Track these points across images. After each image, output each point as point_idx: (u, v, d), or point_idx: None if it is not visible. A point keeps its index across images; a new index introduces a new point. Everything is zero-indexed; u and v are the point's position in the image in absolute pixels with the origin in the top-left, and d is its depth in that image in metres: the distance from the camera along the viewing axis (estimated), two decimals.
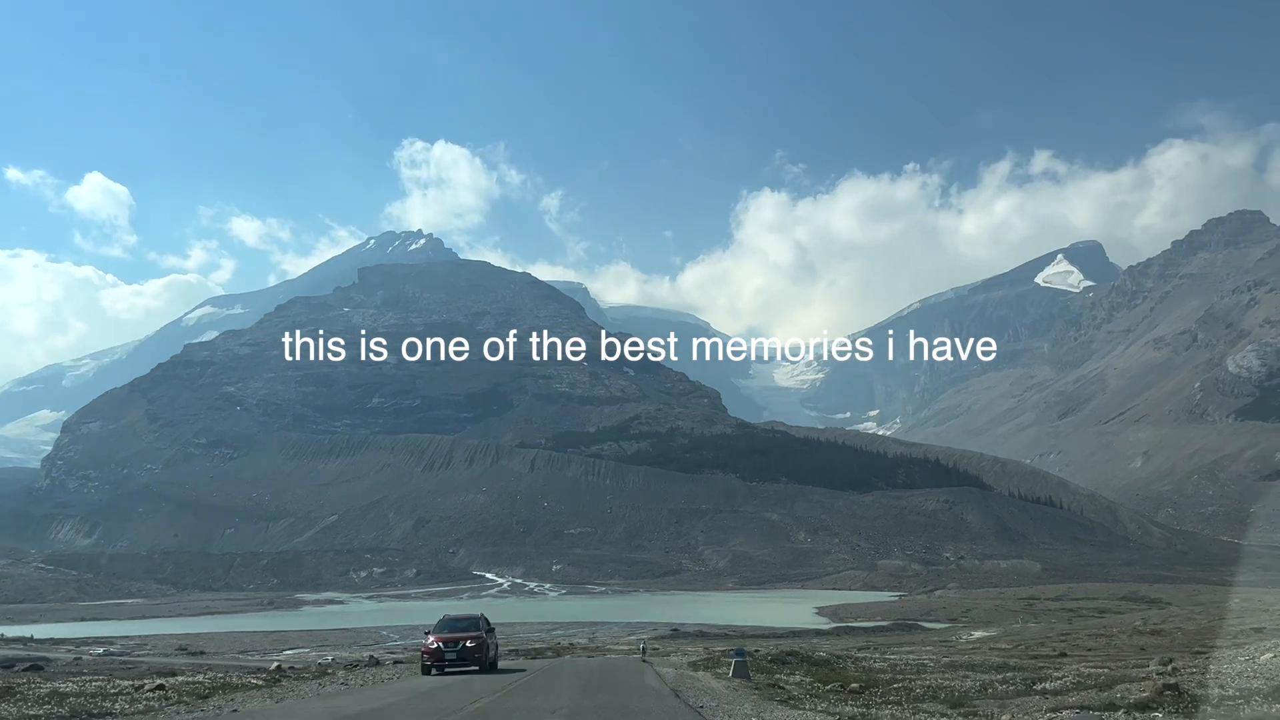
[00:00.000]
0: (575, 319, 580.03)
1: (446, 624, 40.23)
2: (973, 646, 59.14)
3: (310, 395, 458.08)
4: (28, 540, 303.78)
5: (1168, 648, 44.79)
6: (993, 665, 39.96)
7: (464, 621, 40.52)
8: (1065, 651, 46.48)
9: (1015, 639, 65.73)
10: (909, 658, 49.07)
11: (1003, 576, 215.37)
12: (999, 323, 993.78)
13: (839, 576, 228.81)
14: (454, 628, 39.52)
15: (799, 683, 33.99)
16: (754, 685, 32.71)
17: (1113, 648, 48.68)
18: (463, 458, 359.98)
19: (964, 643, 70.37)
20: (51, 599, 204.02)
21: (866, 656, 49.83)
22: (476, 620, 40.51)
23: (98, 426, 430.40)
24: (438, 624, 40.51)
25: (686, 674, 38.36)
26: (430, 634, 39.02)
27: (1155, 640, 51.65)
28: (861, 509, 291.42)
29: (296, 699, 29.91)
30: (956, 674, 36.37)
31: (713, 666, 41.91)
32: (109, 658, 70.61)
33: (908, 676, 35.27)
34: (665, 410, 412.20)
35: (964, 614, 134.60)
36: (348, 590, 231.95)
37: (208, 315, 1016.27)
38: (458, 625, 39.88)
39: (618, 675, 38.35)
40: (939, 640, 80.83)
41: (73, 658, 66.05)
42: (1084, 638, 59.91)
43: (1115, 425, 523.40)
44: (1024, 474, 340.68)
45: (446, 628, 39.59)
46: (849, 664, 44.29)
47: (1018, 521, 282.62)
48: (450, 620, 40.89)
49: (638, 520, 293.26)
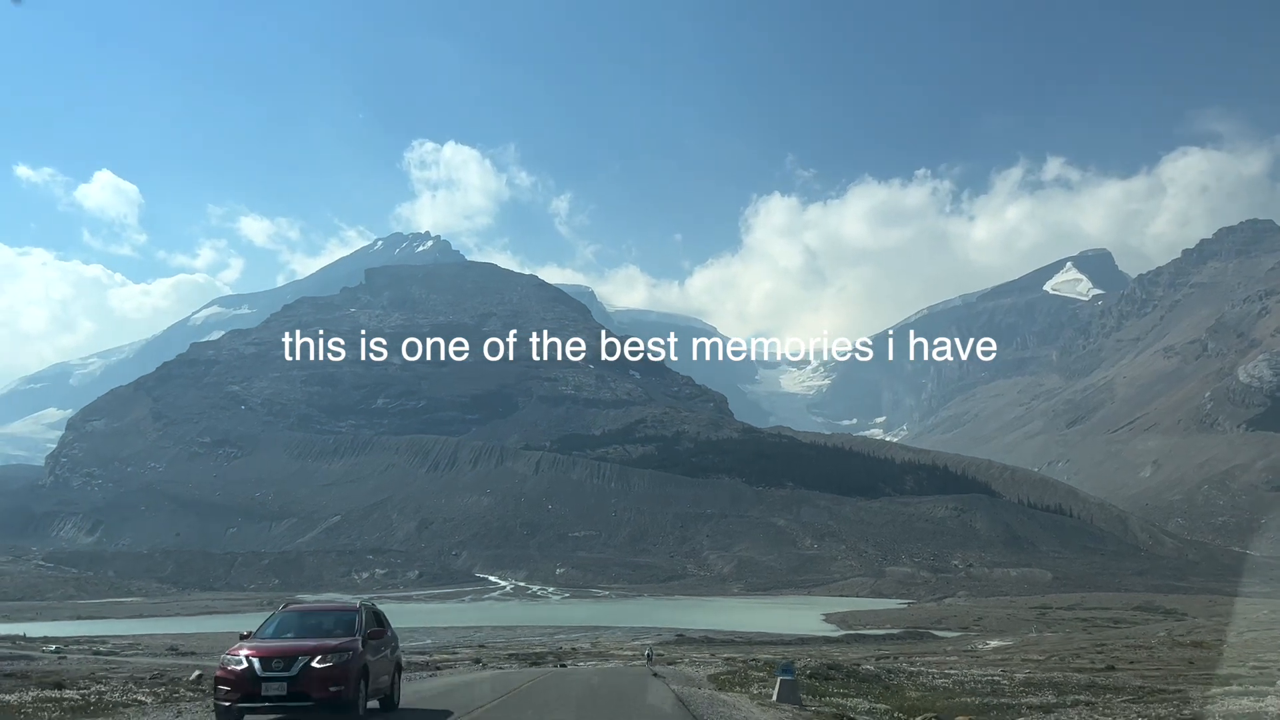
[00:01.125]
0: (582, 322, 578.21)
1: (284, 623, 21.40)
2: (1002, 657, 56.32)
3: (315, 395, 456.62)
4: (30, 538, 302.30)
5: (1216, 661, 42.38)
6: (1081, 685, 34.08)
7: (320, 619, 21.60)
8: (1112, 665, 43.49)
9: (1044, 650, 62.92)
10: (970, 671, 43.10)
11: (1013, 585, 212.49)
12: (1007, 330, 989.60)
13: (846, 583, 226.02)
14: (300, 628, 21.00)
15: (871, 711, 27.08)
16: (811, 714, 25.63)
17: (1156, 660, 45.98)
18: (467, 459, 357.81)
19: (987, 652, 67.89)
20: (51, 597, 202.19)
21: (922, 671, 43.08)
22: (347, 617, 21.54)
23: (102, 424, 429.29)
24: (266, 622, 21.65)
25: (712, 695, 29.62)
26: (244, 643, 20.12)
27: (1200, 653, 49.06)
28: (869, 515, 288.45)
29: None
30: (1042, 694, 31.01)
31: (743, 684, 34.71)
32: (55, 655, 68.46)
33: (993, 698, 29.77)
34: (671, 414, 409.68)
35: (975, 622, 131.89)
36: (350, 591, 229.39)
37: (215, 315, 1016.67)
38: (306, 625, 21.17)
39: (624, 698, 29.34)
40: (955, 649, 78.24)
41: (57, 657, 63.84)
42: (1120, 649, 57.20)
43: (1124, 434, 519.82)
44: (1033, 482, 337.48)
45: (280, 629, 21.02)
46: (902, 679, 38.12)
47: (1027, 529, 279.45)
48: (294, 617, 21.90)
49: (642, 524, 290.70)
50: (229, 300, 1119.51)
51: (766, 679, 35.19)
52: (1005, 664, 47.89)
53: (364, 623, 21.32)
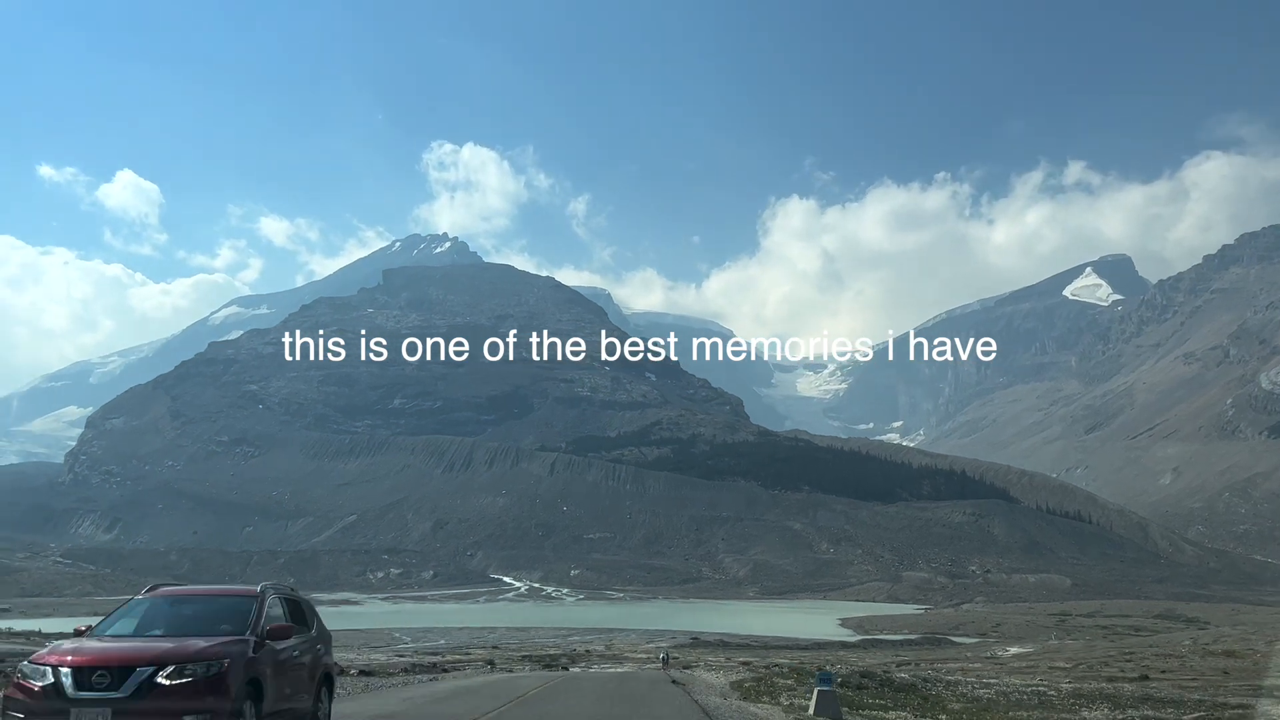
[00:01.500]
0: (598, 323, 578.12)
1: (149, 614, 14.41)
2: (1026, 664, 55.15)
3: (332, 395, 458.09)
4: (49, 534, 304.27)
5: (1255, 672, 41.14)
6: (1136, 697, 31.65)
7: (199, 609, 14.69)
8: (1145, 675, 42.03)
9: (1070, 658, 61.65)
10: (1009, 680, 40.09)
11: (1031, 591, 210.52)
12: (1026, 335, 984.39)
13: (862, 588, 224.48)
14: (169, 622, 14.16)
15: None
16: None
17: (1189, 669, 44.70)
18: (482, 460, 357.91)
19: (1008, 659, 66.73)
20: (69, 593, 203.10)
21: (959, 680, 39.92)
22: (237, 606, 14.69)
23: (121, 422, 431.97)
24: (119, 611, 14.78)
25: (740, 707, 27.67)
26: (68, 643, 13.52)
27: (1234, 663, 47.70)
28: (885, 520, 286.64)
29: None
30: (1096, 707, 28.81)
31: (771, 693, 31.57)
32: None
33: (1043, 712, 27.49)
34: (687, 416, 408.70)
35: (994, 629, 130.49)
36: (364, 591, 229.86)
37: (234, 315, 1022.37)
38: (177, 618, 14.25)
39: (641, 709, 26.95)
40: (975, 656, 77.09)
41: None
42: (1149, 658, 55.90)
43: (1144, 440, 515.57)
44: (1052, 488, 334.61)
45: (143, 624, 14.17)
46: (940, 689, 35.38)
47: (1045, 536, 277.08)
48: (163, 605, 14.67)
49: (657, 526, 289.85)
50: (248, 300, 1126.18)
51: (795, 688, 32.74)
52: (1032, 671, 46.76)
53: (261, 616, 14.37)
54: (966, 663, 57.66)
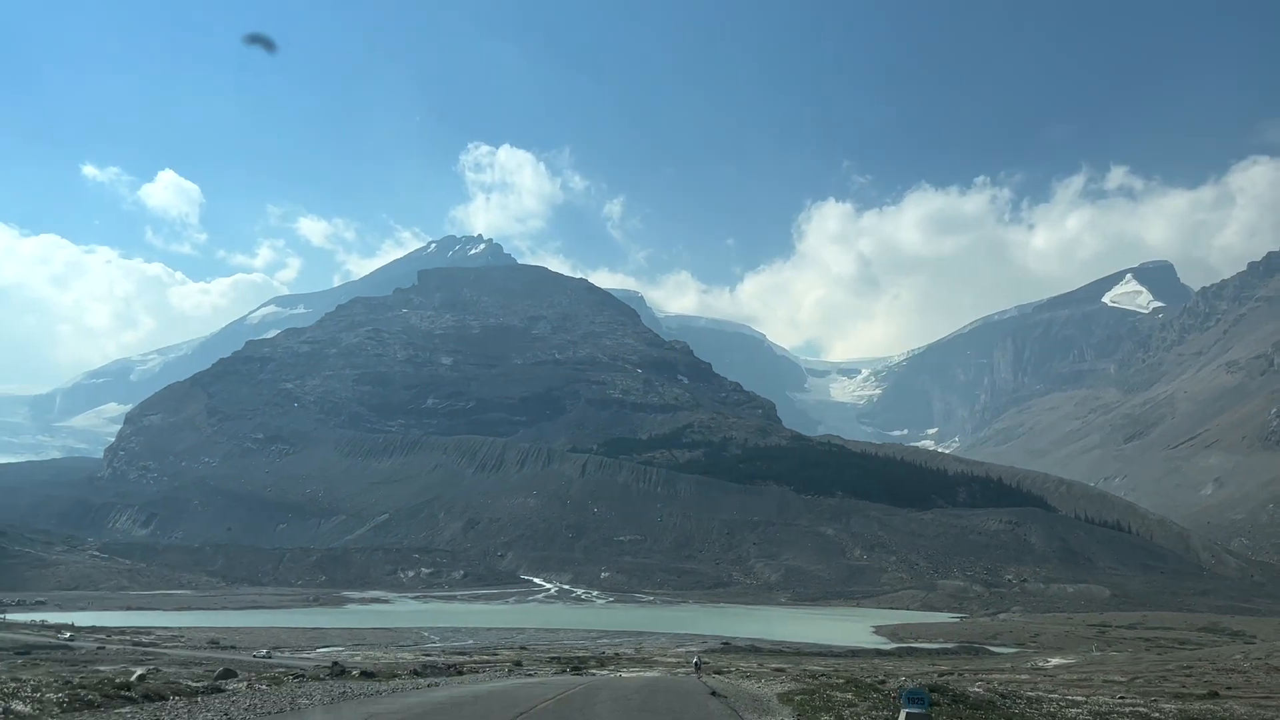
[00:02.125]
0: (630, 326, 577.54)
1: None
2: (1079, 677, 52.93)
3: (366, 394, 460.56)
4: (87, 529, 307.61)
5: None
6: (1237, 717, 29.02)
7: None
8: (1214, 691, 39.49)
9: (1124, 670, 59.28)
10: (1099, 698, 36.57)
11: (1069, 601, 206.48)
12: (1064, 342, 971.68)
13: (896, 595, 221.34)
14: None
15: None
16: None
17: (1258, 685, 42.34)
18: (514, 460, 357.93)
19: (1050, 670, 64.55)
20: (104, 587, 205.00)
21: (1042, 696, 36.08)
22: None
23: (159, 419, 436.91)
24: None
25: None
26: None
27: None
28: (920, 527, 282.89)
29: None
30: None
31: (830, 709, 28.05)
32: (67, 647, 67.94)
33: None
34: (719, 419, 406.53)
35: (1032, 639, 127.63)
36: (395, 590, 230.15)
37: (271, 314, 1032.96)
38: None
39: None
40: (1015, 666, 74.88)
41: (97, 646, 63.30)
42: (1210, 672, 53.51)
43: (1185, 450, 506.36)
44: (1090, 496, 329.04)
45: None
46: (1023, 706, 31.53)
47: (1084, 545, 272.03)
48: None
49: (688, 530, 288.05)
50: (285, 300, 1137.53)
51: (856, 703, 28.93)
52: (1085, 685, 44.74)
53: None
54: (1012, 674, 55.63)
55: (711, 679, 45.91)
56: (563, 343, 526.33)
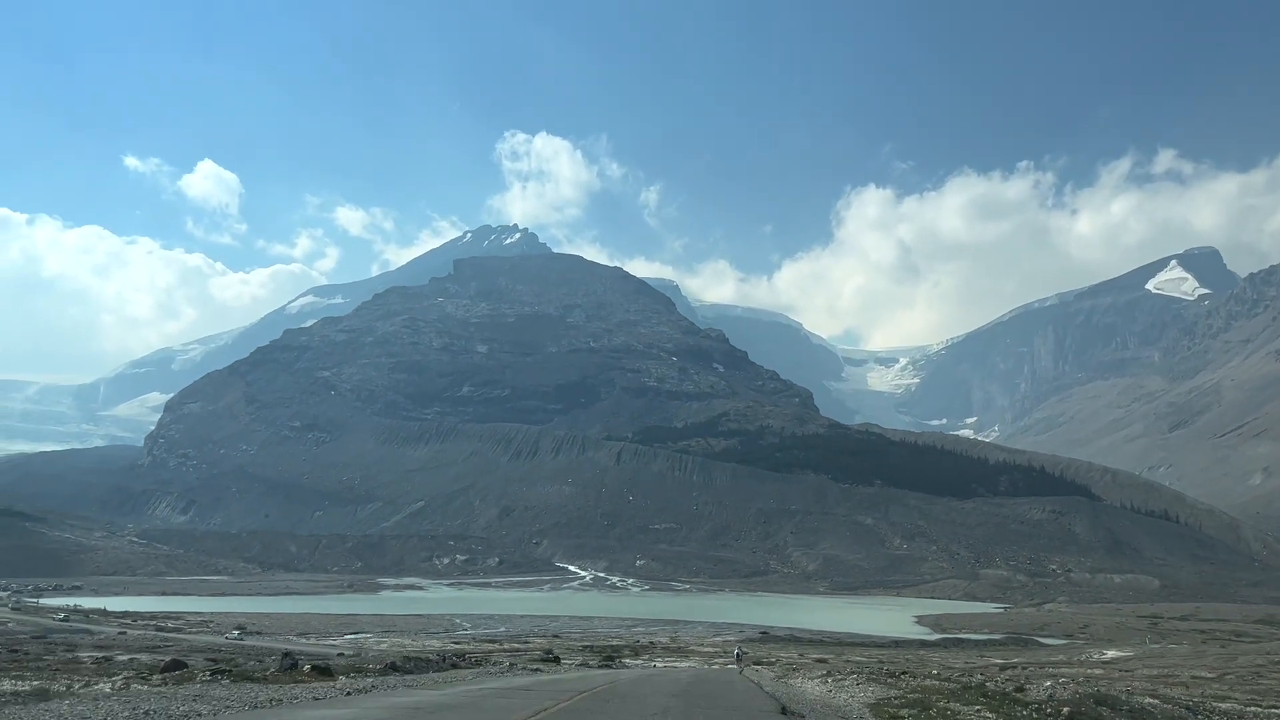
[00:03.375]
0: (665, 314, 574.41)
1: None
2: (1160, 672, 49.35)
3: (402, 382, 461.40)
4: (128, 515, 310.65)
5: None
6: None
7: None
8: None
9: (1209, 665, 55.59)
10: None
11: (1116, 592, 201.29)
12: (1106, 330, 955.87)
13: (938, 585, 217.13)
14: None
15: None
16: None
17: None
18: (549, 448, 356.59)
19: (1108, 663, 61.14)
20: (141, 572, 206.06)
21: (1240, 711, 31.37)
22: None
23: (198, 407, 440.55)
24: None
25: None
26: None
27: None
28: (961, 516, 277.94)
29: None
30: None
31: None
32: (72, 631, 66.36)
33: None
34: (755, 408, 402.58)
35: (1080, 630, 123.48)
36: (430, 576, 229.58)
37: (309, 304, 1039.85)
38: None
39: None
40: (1071, 660, 71.29)
41: (118, 632, 61.71)
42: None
43: (1232, 439, 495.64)
44: (1136, 485, 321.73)
45: None
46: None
47: (1130, 535, 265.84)
48: None
49: (724, 518, 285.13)
50: (324, 290, 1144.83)
51: (964, 714, 22.62)
52: (1169, 681, 41.37)
53: None
54: (1082, 667, 52.26)
55: (755, 671, 41.80)
56: (597, 331, 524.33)
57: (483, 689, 26.17)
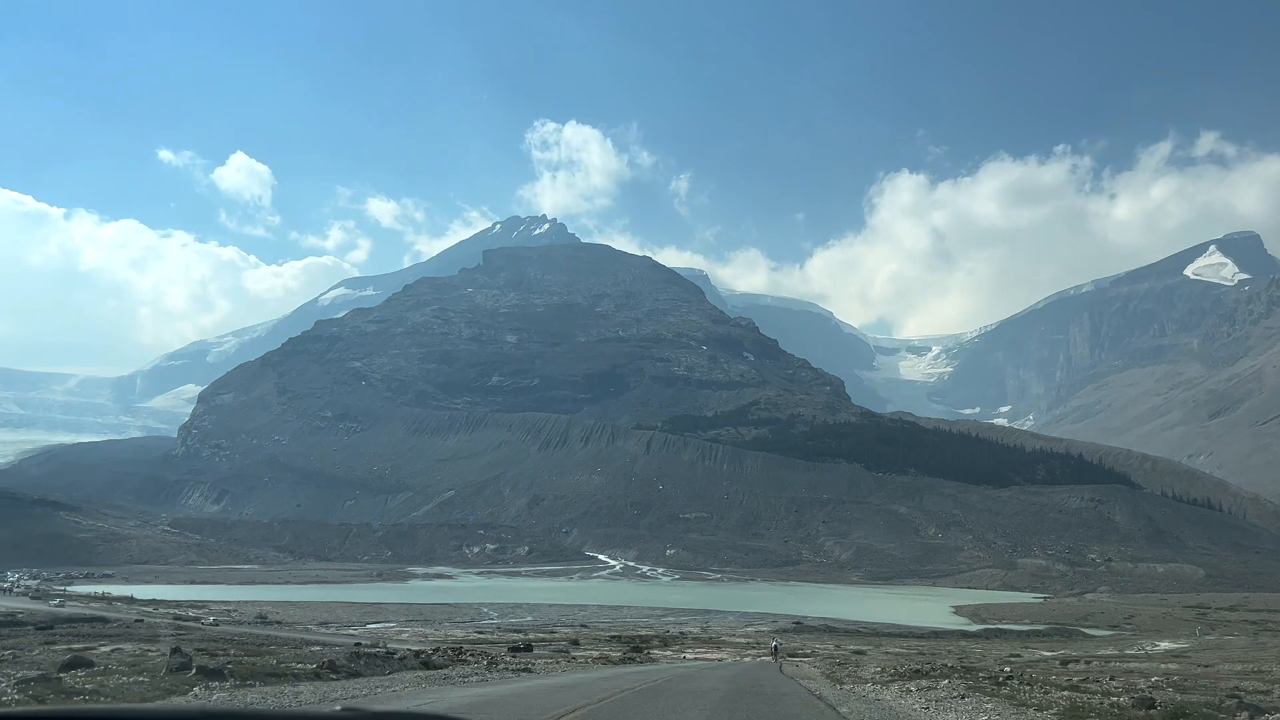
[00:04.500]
0: (695, 303, 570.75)
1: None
2: (1246, 667, 46.06)
3: (432, 372, 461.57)
4: (161, 505, 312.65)
5: None
6: None
7: None
8: None
9: (1266, 654, 52.31)
10: None
11: (1160, 582, 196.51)
12: (1143, 316, 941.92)
13: (974, 574, 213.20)
14: None
15: None
16: None
17: None
18: (578, 437, 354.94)
19: (1161, 656, 58.04)
20: (174, 561, 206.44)
21: None
22: None
23: (231, 398, 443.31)
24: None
25: None
26: None
27: None
28: (997, 505, 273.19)
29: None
30: None
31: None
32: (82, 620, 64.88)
33: None
34: (786, 396, 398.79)
35: (1125, 621, 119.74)
36: (460, 565, 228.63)
37: (341, 296, 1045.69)
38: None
39: None
40: (1122, 653, 68.05)
41: (135, 619, 60.21)
42: None
43: (1274, 427, 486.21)
44: (1177, 473, 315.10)
45: None
46: None
47: (1171, 523, 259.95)
48: None
49: (755, 507, 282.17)
50: (355, 282, 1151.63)
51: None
52: (1257, 675, 38.31)
53: None
54: (1147, 662, 49.18)
55: (795, 666, 38.97)
56: (626, 320, 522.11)
57: (521, 687, 18.94)
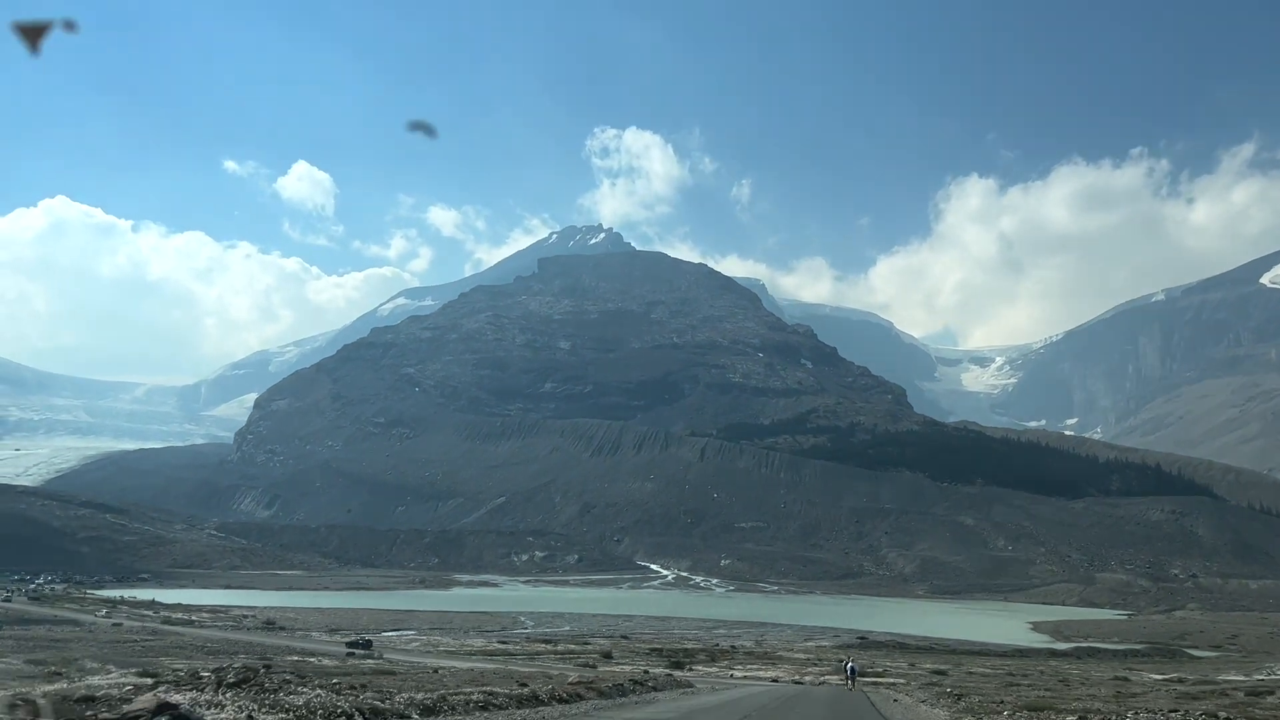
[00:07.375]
0: (751, 310, 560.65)
1: None
2: None
3: (485, 379, 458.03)
4: (212, 509, 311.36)
5: None
6: None
7: None
8: None
9: None
10: None
11: (1254, 599, 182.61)
12: (1217, 326, 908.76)
13: (1049, 590, 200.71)
14: None
15: None
16: None
17: None
18: (631, 444, 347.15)
19: None
20: (217, 565, 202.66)
21: None
22: None
23: (286, 404, 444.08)
24: None
25: None
26: None
27: None
28: (1071, 517, 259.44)
29: None
30: None
31: None
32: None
33: None
34: (845, 404, 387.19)
35: (1229, 640, 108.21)
36: (507, 573, 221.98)
37: (401, 306, 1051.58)
38: None
39: None
40: (1245, 674, 57.98)
41: (93, 621, 53.45)
42: None
43: None
44: (1263, 485, 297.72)
45: None
46: None
47: (1260, 538, 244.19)
48: None
49: (814, 517, 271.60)
50: (414, 292, 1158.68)
51: None
52: None
53: None
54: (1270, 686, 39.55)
55: (878, 694, 30.12)
56: (681, 327, 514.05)
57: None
